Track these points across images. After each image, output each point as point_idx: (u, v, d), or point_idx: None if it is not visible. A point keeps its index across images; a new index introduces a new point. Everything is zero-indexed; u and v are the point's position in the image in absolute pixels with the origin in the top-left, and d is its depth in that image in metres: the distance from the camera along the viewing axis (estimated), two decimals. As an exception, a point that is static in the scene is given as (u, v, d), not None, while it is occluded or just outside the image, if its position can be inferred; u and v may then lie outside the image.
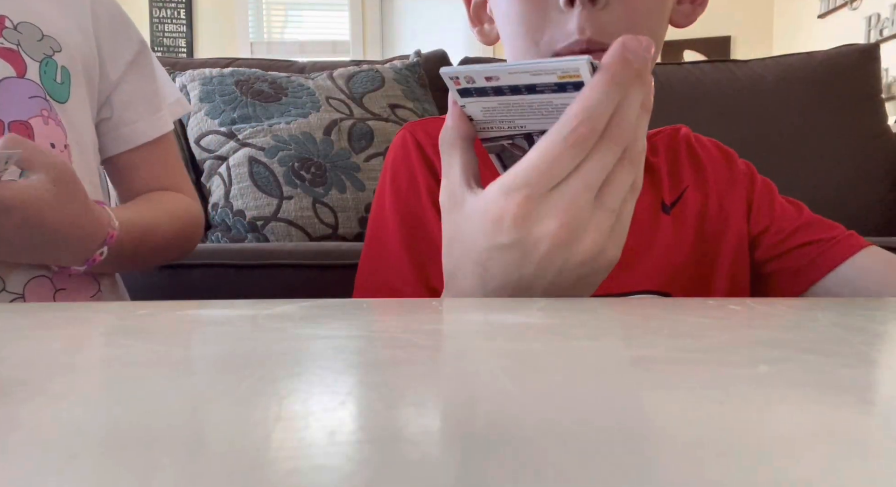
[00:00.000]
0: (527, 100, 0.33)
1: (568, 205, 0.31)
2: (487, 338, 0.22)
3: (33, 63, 0.58)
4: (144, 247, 0.62)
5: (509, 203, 0.32)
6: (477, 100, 0.35)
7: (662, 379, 0.16)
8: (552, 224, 0.31)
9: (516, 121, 0.35)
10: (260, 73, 1.33)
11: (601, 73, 0.30)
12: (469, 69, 0.33)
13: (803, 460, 0.11)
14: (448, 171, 0.36)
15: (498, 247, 0.33)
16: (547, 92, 0.32)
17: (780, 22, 3.82)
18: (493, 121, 0.36)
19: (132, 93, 0.69)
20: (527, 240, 0.32)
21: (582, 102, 0.30)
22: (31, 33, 0.59)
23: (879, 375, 0.18)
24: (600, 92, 0.30)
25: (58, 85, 0.60)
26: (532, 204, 0.31)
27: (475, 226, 0.34)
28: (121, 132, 0.69)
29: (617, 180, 0.32)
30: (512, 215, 0.32)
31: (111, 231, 0.56)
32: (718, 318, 0.26)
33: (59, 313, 0.28)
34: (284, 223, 1.19)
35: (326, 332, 0.22)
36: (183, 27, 3.90)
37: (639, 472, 0.10)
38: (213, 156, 1.25)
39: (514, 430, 0.12)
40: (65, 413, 0.13)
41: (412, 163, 0.57)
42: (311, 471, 0.10)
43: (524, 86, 0.33)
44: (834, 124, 1.38)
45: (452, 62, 1.51)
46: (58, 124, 0.59)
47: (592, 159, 0.31)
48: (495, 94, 0.34)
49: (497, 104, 0.35)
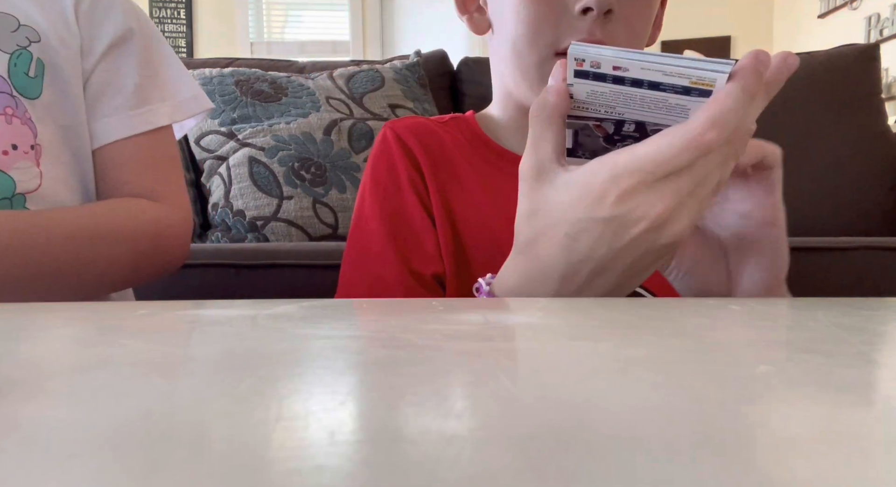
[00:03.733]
0: (641, 94, 0.34)
1: (673, 195, 0.33)
2: (487, 338, 0.22)
3: (2, 55, 0.54)
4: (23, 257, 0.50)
5: (619, 183, 0.33)
6: (589, 83, 0.35)
7: (662, 379, 0.16)
8: (656, 208, 0.33)
9: (618, 108, 0.35)
10: (260, 73, 1.33)
11: (737, 83, 0.31)
12: (599, 53, 0.33)
13: (803, 460, 0.11)
14: (537, 144, 0.37)
15: (595, 220, 0.34)
16: (669, 91, 0.33)
17: (780, 22, 3.82)
18: (594, 103, 0.36)
19: (105, 83, 0.62)
20: (627, 217, 0.33)
21: (715, 109, 0.31)
22: (6, 23, 0.56)
23: (879, 375, 0.18)
24: (732, 100, 0.31)
25: (29, 79, 0.56)
26: (642, 188, 0.33)
27: (572, 198, 0.35)
28: (91, 128, 0.61)
29: (714, 176, 0.33)
30: (618, 193, 0.33)
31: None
32: (718, 318, 0.26)
33: (59, 313, 0.28)
34: (284, 223, 1.19)
35: (326, 332, 0.22)
36: (183, 27, 3.90)
37: (639, 472, 0.10)
38: (213, 156, 1.25)
39: (514, 430, 0.12)
40: (65, 414, 0.13)
41: (392, 154, 0.59)
42: (311, 471, 0.10)
43: (649, 82, 0.33)
44: (834, 124, 1.38)
45: (453, 62, 1.51)
46: (24, 122, 0.55)
47: (707, 159, 0.32)
48: (613, 82, 0.34)
49: (608, 91, 0.35)
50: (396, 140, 0.59)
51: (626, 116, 0.36)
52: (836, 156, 1.36)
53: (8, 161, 0.54)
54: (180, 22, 3.90)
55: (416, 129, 0.60)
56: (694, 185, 0.33)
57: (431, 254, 0.55)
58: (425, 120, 0.63)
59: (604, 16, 0.50)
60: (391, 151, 0.59)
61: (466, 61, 1.49)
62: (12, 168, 0.55)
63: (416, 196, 0.57)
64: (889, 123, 1.43)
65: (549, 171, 0.36)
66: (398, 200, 0.57)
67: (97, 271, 0.56)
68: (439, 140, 0.60)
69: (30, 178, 0.56)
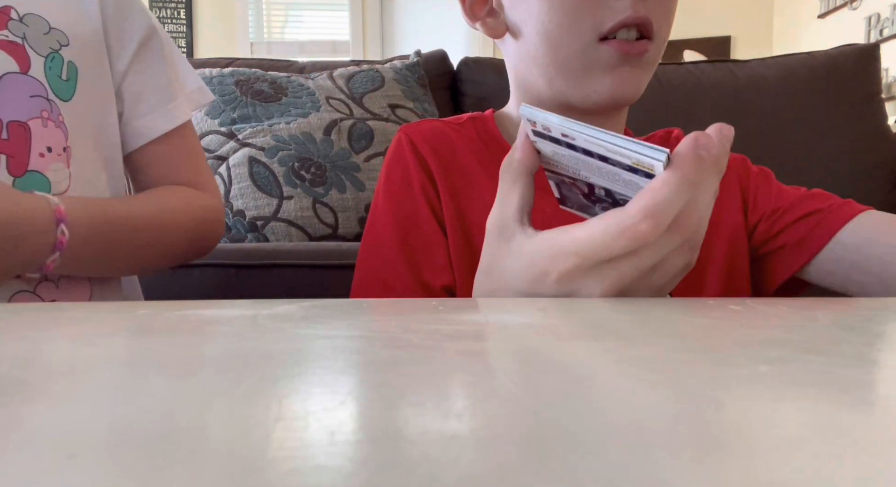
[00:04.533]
0: (595, 163, 0.33)
1: (615, 280, 0.32)
2: (487, 338, 0.22)
3: (38, 58, 0.56)
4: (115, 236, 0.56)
5: (557, 264, 0.33)
6: (549, 143, 0.35)
7: (662, 379, 0.16)
8: (595, 290, 0.32)
9: (582, 172, 0.35)
10: (260, 73, 1.33)
11: (672, 171, 0.30)
12: (547, 119, 0.33)
13: (803, 460, 0.11)
14: (504, 200, 0.37)
15: (538, 294, 0.34)
16: (618, 167, 0.32)
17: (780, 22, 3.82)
18: (560, 163, 0.36)
19: (142, 83, 0.65)
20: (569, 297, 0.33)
21: (649, 200, 0.30)
22: (38, 26, 0.57)
23: (879, 375, 0.18)
24: (669, 192, 0.30)
25: (63, 82, 0.58)
26: (580, 271, 0.32)
27: (520, 268, 0.35)
28: (133, 126, 0.65)
29: (670, 263, 0.32)
30: (558, 274, 0.33)
31: (56, 207, 0.51)
32: (718, 318, 0.26)
33: (59, 313, 0.28)
34: (284, 223, 1.19)
35: (326, 332, 0.22)
36: (183, 27, 3.90)
37: (639, 472, 0.10)
38: (213, 156, 1.25)
39: (514, 430, 0.12)
40: (65, 414, 0.13)
41: (406, 161, 0.58)
42: (311, 471, 0.10)
43: (598, 155, 0.32)
44: (834, 124, 1.38)
45: (453, 62, 1.51)
46: (58, 125, 0.57)
47: (650, 248, 0.31)
48: (567, 148, 0.34)
49: (567, 154, 0.34)
50: (410, 146, 0.59)
51: (593, 181, 0.35)
52: (836, 156, 1.36)
53: (44, 162, 0.56)
54: (180, 22, 3.90)
55: (430, 135, 0.60)
56: (639, 272, 0.32)
57: (442, 265, 0.55)
58: (441, 123, 0.62)
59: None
60: (405, 158, 0.59)
61: (466, 61, 1.49)
62: (48, 169, 0.56)
63: (429, 205, 0.56)
64: (889, 123, 1.43)
65: (510, 230, 0.36)
66: (411, 208, 0.57)
67: (160, 251, 0.62)
68: (454, 145, 0.60)
69: (62, 179, 0.57)
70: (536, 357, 0.18)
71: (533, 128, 0.35)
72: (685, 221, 0.31)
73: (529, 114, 0.34)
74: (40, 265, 0.52)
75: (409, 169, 0.58)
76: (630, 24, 0.50)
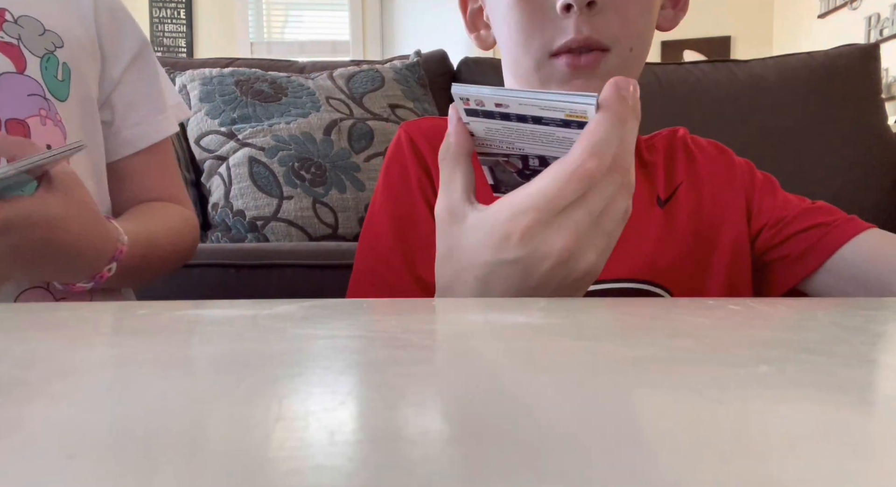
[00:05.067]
0: (530, 129, 0.35)
1: (573, 229, 0.33)
2: (487, 338, 0.22)
3: (34, 58, 0.56)
4: (147, 263, 0.59)
5: (517, 223, 0.33)
6: (482, 120, 0.36)
7: (662, 379, 0.16)
8: (557, 244, 0.33)
9: (516, 143, 0.37)
10: (260, 73, 1.33)
11: (604, 111, 0.33)
12: (479, 92, 0.34)
13: (803, 460, 0.11)
14: (448, 186, 0.38)
15: (502, 263, 0.34)
16: (552, 125, 0.34)
17: (780, 22, 3.82)
18: (494, 140, 0.37)
19: (135, 93, 0.66)
20: (532, 256, 0.34)
21: (590, 139, 0.32)
22: (33, 27, 0.57)
23: (879, 375, 0.18)
24: (605, 129, 0.32)
25: (58, 82, 0.58)
26: (539, 226, 0.33)
27: (479, 241, 0.35)
28: (123, 135, 0.66)
29: (615, 207, 0.34)
30: (520, 233, 0.33)
31: (120, 246, 0.54)
32: (718, 318, 0.26)
33: (59, 313, 0.28)
34: (284, 223, 1.19)
35: (326, 332, 0.22)
36: (183, 27, 3.90)
37: (639, 472, 0.10)
38: (213, 156, 1.25)
39: (514, 430, 0.12)
40: (65, 414, 0.13)
41: (405, 159, 0.59)
42: (311, 471, 0.10)
43: (531, 117, 0.34)
44: (834, 124, 1.38)
45: (452, 62, 1.51)
46: (56, 124, 0.57)
47: (597, 189, 0.33)
48: (501, 119, 0.35)
49: (501, 127, 0.36)
50: (409, 143, 0.60)
51: (526, 151, 0.37)
52: (836, 155, 1.36)
53: None
54: (180, 22, 3.90)
55: (430, 132, 0.61)
56: (592, 217, 0.33)
57: None
58: (441, 121, 0.63)
59: (587, 9, 0.49)
60: (403, 155, 0.59)
61: (466, 61, 1.49)
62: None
63: (426, 202, 0.57)
64: (889, 123, 1.43)
65: (461, 211, 0.37)
66: (408, 205, 0.57)
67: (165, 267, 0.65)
68: None
69: None
70: (536, 357, 0.18)
71: (466, 108, 0.36)
72: (621, 161, 0.33)
73: (462, 92, 0.35)
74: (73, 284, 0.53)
75: (408, 166, 0.58)
76: (574, 47, 0.50)
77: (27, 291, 0.54)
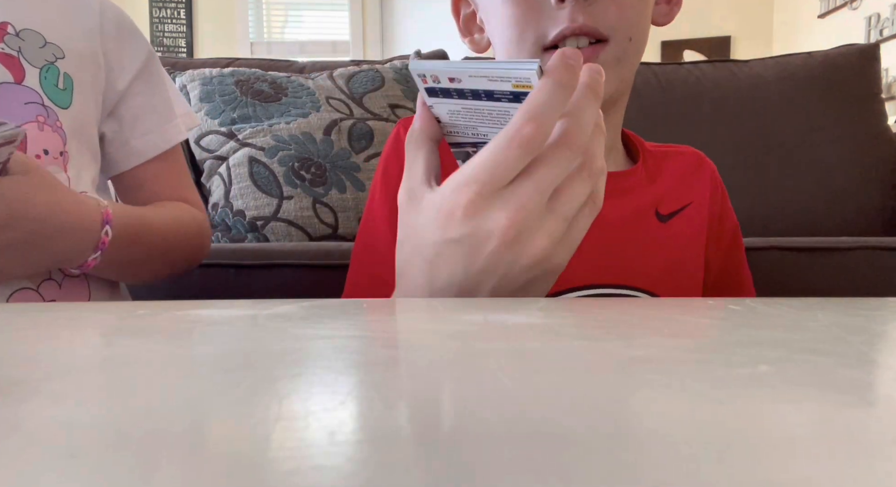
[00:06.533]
0: (486, 107, 0.34)
1: (518, 205, 0.31)
2: (487, 338, 0.22)
3: (33, 69, 0.57)
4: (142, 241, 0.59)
5: (460, 197, 0.32)
6: (443, 101, 0.35)
7: (662, 379, 0.16)
8: (501, 220, 0.31)
9: (479, 128, 0.36)
10: (260, 73, 1.32)
11: (545, 76, 0.31)
12: (435, 67, 0.34)
13: (803, 460, 0.11)
14: (410, 170, 0.37)
15: (447, 242, 0.33)
16: (504, 101, 0.33)
17: (780, 22, 3.82)
18: (458, 125, 0.37)
19: (142, 104, 0.67)
20: (476, 234, 0.32)
21: (527, 104, 0.31)
22: (34, 40, 0.58)
23: (879, 375, 0.18)
24: (544, 93, 0.31)
25: (59, 91, 0.59)
26: (482, 199, 0.32)
27: (428, 220, 0.34)
28: (132, 145, 0.67)
29: (571, 189, 0.32)
30: (462, 208, 0.32)
31: (104, 209, 0.53)
32: (718, 318, 0.26)
33: (59, 313, 0.28)
34: (284, 223, 1.19)
35: (326, 332, 0.22)
36: (183, 27, 3.90)
37: (639, 472, 0.10)
38: (213, 156, 1.25)
39: (514, 430, 0.12)
40: (64, 414, 0.13)
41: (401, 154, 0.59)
42: (311, 471, 0.10)
43: (483, 92, 0.33)
44: (834, 124, 1.38)
45: (452, 62, 1.51)
46: (56, 130, 0.58)
47: (544, 163, 0.31)
48: (458, 97, 0.34)
49: (461, 108, 0.35)
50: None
51: (490, 137, 0.36)
52: (836, 156, 1.36)
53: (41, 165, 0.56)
54: (180, 22, 3.90)
55: None
56: (541, 194, 0.31)
57: None
58: None
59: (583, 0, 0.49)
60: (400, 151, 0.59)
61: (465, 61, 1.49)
62: None
63: None
64: (889, 123, 1.43)
65: (419, 193, 0.36)
66: None
67: (170, 260, 0.65)
68: None
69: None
70: (536, 357, 0.18)
71: (426, 87, 0.35)
72: (571, 136, 0.31)
73: (418, 68, 0.34)
74: (81, 262, 0.54)
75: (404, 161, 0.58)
76: (569, 34, 0.49)
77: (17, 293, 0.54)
